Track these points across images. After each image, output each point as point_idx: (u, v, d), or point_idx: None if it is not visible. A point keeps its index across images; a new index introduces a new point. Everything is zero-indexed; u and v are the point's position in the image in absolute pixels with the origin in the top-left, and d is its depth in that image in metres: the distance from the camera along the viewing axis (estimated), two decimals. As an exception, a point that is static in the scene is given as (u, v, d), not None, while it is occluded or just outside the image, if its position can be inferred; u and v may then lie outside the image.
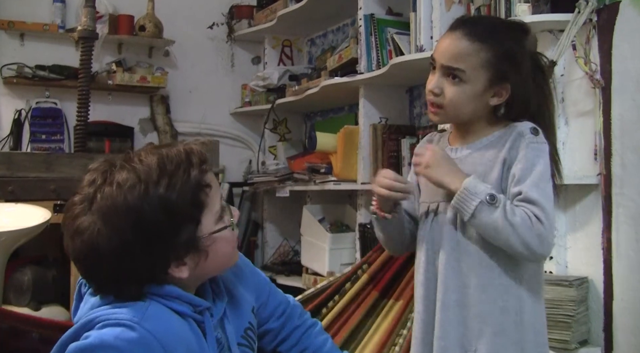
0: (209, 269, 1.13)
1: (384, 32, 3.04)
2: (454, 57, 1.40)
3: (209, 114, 4.18)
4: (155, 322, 1.02)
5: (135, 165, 1.05)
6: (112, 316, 1.01)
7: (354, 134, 3.17)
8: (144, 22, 3.83)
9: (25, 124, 3.65)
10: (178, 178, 1.05)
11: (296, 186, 3.58)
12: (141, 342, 0.99)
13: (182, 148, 1.11)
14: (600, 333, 2.09)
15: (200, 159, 1.09)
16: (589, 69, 2.09)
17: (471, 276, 1.40)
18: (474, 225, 1.36)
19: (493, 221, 1.32)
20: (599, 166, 2.11)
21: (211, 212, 1.10)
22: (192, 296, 1.11)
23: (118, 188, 1.02)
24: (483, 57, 1.39)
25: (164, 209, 1.03)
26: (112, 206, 1.02)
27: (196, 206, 1.08)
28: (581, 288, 2.09)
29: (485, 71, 1.39)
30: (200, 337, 1.11)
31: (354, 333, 1.79)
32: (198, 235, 1.08)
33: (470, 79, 1.39)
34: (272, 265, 3.93)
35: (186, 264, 1.08)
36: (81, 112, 2.07)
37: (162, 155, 1.07)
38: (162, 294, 1.07)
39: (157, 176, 1.04)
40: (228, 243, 1.14)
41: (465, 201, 1.34)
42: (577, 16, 2.05)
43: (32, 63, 3.66)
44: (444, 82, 1.41)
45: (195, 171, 1.07)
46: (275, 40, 4.17)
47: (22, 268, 3.18)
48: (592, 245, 2.13)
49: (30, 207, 2.29)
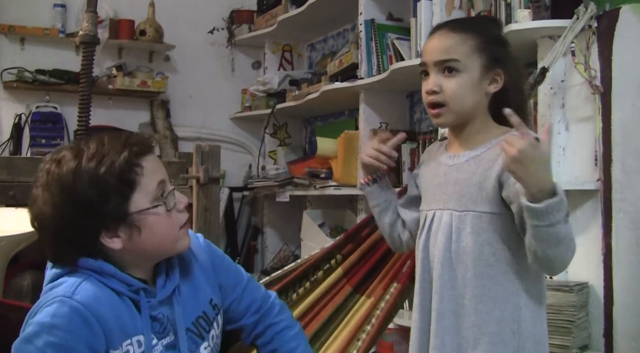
0: (146, 245, 1.23)
1: (384, 37, 3.04)
2: (445, 50, 1.43)
3: (209, 118, 4.19)
4: (85, 294, 1.15)
5: (79, 146, 1.22)
6: (48, 297, 1.15)
7: (354, 139, 3.18)
8: (144, 27, 3.84)
9: (25, 128, 3.66)
10: (109, 157, 1.18)
11: (296, 191, 3.59)
12: (74, 313, 1.12)
13: (126, 133, 1.27)
14: (601, 339, 2.09)
15: (138, 142, 1.23)
16: (588, 75, 2.10)
17: (466, 286, 1.40)
18: (546, 232, 1.23)
19: (566, 234, 1.24)
20: (598, 171, 2.11)
21: (144, 191, 1.21)
22: (126, 276, 1.22)
23: (57, 165, 1.19)
24: (472, 43, 1.43)
25: (91, 182, 1.17)
26: (51, 179, 1.19)
27: (125, 182, 1.19)
28: (581, 293, 2.09)
29: (478, 55, 1.42)
30: (134, 313, 1.21)
31: (325, 326, 1.78)
32: (128, 210, 1.19)
33: (465, 67, 1.41)
34: (272, 269, 3.92)
35: (119, 237, 1.20)
36: (82, 117, 2.07)
37: (103, 139, 1.23)
38: (98, 271, 1.19)
39: (91, 155, 1.18)
40: (163, 223, 1.23)
41: (555, 211, 1.21)
42: (575, 22, 2.06)
43: (33, 67, 3.67)
44: (441, 78, 1.43)
45: (126, 152, 1.19)
46: (275, 45, 4.18)
47: (22, 273, 3.18)
48: (592, 250, 2.13)
49: (30, 212, 2.29)
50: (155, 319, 1.24)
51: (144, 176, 1.21)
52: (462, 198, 1.42)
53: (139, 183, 1.21)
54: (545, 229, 1.22)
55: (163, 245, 1.26)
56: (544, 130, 1.42)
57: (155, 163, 1.26)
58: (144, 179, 1.21)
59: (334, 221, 3.52)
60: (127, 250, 1.22)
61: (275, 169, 3.89)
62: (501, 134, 1.42)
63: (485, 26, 1.50)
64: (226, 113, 4.27)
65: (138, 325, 1.21)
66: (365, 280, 1.83)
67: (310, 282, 1.84)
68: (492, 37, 1.46)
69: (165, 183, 1.25)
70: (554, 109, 2.19)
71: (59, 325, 1.11)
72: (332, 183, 3.27)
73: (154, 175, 1.23)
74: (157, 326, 1.24)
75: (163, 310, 1.26)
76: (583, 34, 2.10)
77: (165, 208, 1.23)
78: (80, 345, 1.12)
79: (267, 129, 4.07)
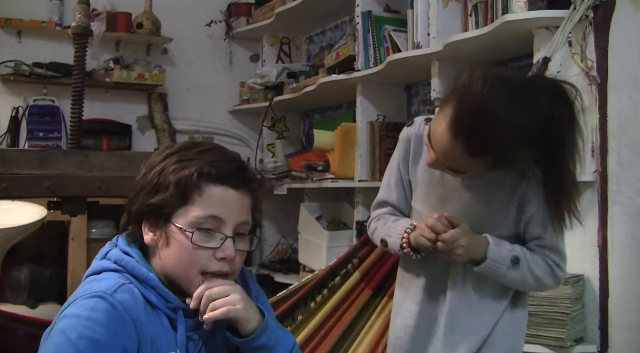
0: (166, 261, 1.18)
1: (381, 29, 3.03)
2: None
3: (207, 112, 4.18)
4: (126, 296, 1.12)
5: (182, 144, 1.24)
6: (87, 291, 1.11)
7: (352, 132, 3.17)
8: (141, 20, 3.83)
9: (22, 121, 3.65)
10: (185, 163, 1.17)
11: (294, 184, 3.58)
12: (113, 310, 1.08)
13: (232, 157, 1.22)
14: (596, 331, 2.09)
15: (225, 170, 1.17)
16: (584, 66, 2.08)
17: (458, 289, 1.46)
18: (504, 280, 1.45)
19: (517, 279, 1.44)
20: (595, 163, 2.10)
21: (191, 213, 1.16)
22: (167, 292, 1.16)
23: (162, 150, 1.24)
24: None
25: (157, 173, 1.17)
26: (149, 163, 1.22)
27: (179, 191, 1.15)
28: (577, 285, 2.08)
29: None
30: (169, 330, 1.15)
31: (347, 332, 1.77)
32: (170, 217, 1.16)
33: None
34: (270, 263, 3.92)
35: (154, 234, 1.18)
36: (75, 109, 2.06)
37: (208, 149, 1.20)
38: (141, 279, 1.16)
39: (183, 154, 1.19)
40: (183, 252, 1.16)
41: (492, 270, 1.42)
42: (573, 12, 2.04)
43: (30, 61, 3.66)
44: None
45: (200, 169, 1.15)
46: (273, 38, 4.17)
47: (19, 266, 3.19)
48: (588, 242, 2.12)
49: (26, 204, 2.28)
50: (190, 339, 1.18)
51: (199, 200, 1.15)
52: (478, 221, 1.44)
53: (191, 202, 1.15)
54: (501, 281, 1.44)
55: (176, 272, 1.18)
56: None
57: (221, 198, 1.16)
58: (198, 203, 1.15)
59: (332, 214, 3.51)
60: (158, 256, 1.19)
61: (273, 163, 3.88)
62: None
63: (509, 138, 1.27)
64: (224, 106, 4.26)
65: (172, 342, 1.15)
66: (384, 282, 1.81)
67: (327, 289, 1.83)
68: (506, 158, 1.31)
69: (220, 222, 1.16)
70: (550, 101, 2.17)
71: (96, 318, 1.07)
72: (329, 176, 3.26)
73: (211, 207, 1.16)
74: (192, 347, 1.19)
75: (200, 332, 1.20)
76: (579, 25, 2.09)
77: (191, 241, 1.15)
78: (114, 342, 1.07)
79: (265, 122, 4.06)
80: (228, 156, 1.21)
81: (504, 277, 1.42)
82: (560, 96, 1.32)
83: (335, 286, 1.81)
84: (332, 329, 1.77)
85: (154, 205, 1.16)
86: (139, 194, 1.19)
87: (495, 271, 1.41)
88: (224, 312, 1.14)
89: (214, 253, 1.16)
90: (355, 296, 1.80)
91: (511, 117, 1.25)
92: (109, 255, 1.19)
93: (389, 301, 1.76)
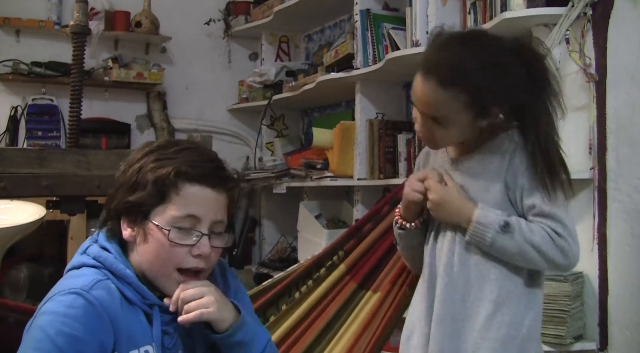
0: (143, 257, 1.21)
1: (380, 27, 3.03)
2: (433, 107, 1.35)
3: (206, 110, 4.18)
4: (102, 292, 1.14)
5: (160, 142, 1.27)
6: (64, 287, 1.14)
7: (351, 130, 3.17)
8: (140, 19, 3.82)
9: (21, 121, 3.65)
10: (163, 162, 1.19)
11: (293, 182, 3.58)
12: (89, 306, 1.11)
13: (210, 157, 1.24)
14: (596, 328, 2.09)
15: (191, 168, 1.19)
16: (583, 63, 2.08)
17: (469, 289, 1.38)
18: (495, 253, 1.36)
19: (513, 247, 1.33)
20: (592, 160, 2.10)
21: (168, 210, 1.19)
22: (143, 288, 1.19)
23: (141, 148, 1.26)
24: (461, 100, 1.32)
25: (135, 171, 1.20)
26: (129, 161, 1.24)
27: (157, 190, 1.18)
28: (576, 283, 2.08)
29: (467, 112, 1.34)
30: (145, 324, 1.19)
31: (331, 323, 1.76)
32: (148, 214, 1.19)
33: (455, 122, 1.36)
34: (269, 261, 3.92)
35: (133, 230, 1.21)
36: (73, 108, 2.06)
37: (187, 148, 1.23)
38: (119, 275, 1.18)
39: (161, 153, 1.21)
40: (160, 249, 1.19)
41: (479, 235, 1.35)
42: (571, 10, 2.04)
43: (28, 60, 3.66)
44: (430, 125, 1.38)
45: (177, 168, 1.18)
46: (272, 36, 4.16)
47: (19, 266, 3.20)
48: (587, 239, 2.12)
49: (26, 204, 2.28)
50: (166, 333, 1.22)
51: (176, 198, 1.18)
52: None
53: (169, 200, 1.18)
54: (492, 250, 1.35)
55: (153, 268, 1.21)
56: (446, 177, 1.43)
57: (198, 197, 1.20)
58: (175, 201, 1.18)
59: (331, 212, 3.51)
60: (136, 251, 1.22)
61: (272, 161, 3.88)
62: (503, 132, 1.40)
63: (479, 68, 1.31)
64: (223, 105, 4.26)
65: (148, 336, 1.19)
66: (370, 275, 1.79)
67: (312, 280, 1.81)
68: (482, 88, 1.31)
69: (196, 220, 1.20)
70: (548, 98, 2.17)
71: (73, 315, 1.10)
72: (328, 174, 3.26)
73: (188, 206, 1.19)
74: (168, 341, 1.22)
75: (175, 325, 1.23)
76: (578, 22, 2.09)
77: (167, 238, 1.18)
78: (91, 338, 1.10)
79: (264, 121, 4.06)
80: (205, 156, 1.24)
81: (493, 244, 1.33)
82: (528, 44, 1.38)
83: (320, 278, 1.80)
84: (316, 320, 1.76)
85: (132, 202, 1.19)
86: (118, 191, 1.22)
87: (484, 237, 1.33)
88: (197, 315, 1.18)
89: (190, 249, 1.20)
90: (340, 288, 1.78)
91: (476, 46, 1.34)
92: (89, 250, 1.23)
93: (372, 296, 1.76)
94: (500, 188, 1.38)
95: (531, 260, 1.34)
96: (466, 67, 1.31)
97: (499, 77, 1.31)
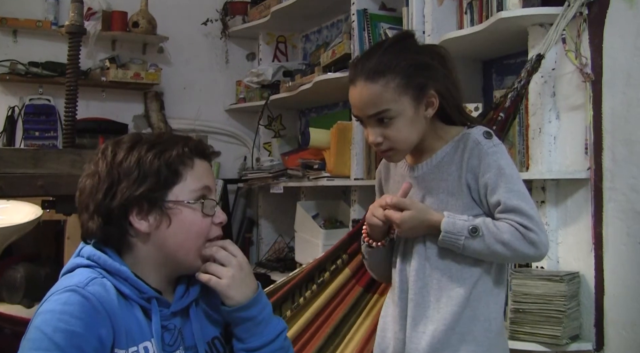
0: (169, 241, 1.20)
1: (377, 27, 3.03)
2: (372, 104, 1.40)
3: (204, 110, 4.17)
4: (98, 288, 1.13)
5: (140, 134, 1.26)
6: (59, 286, 1.13)
7: (347, 130, 3.17)
8: (137, 19, 3.82)
9: (18, 121, 3.64)
10: (163, 146, 1.21)
11: (290, 182, 3.58)
12: (86, 301, 1.10)
13: (186, 135, 1.29)
14: (592, 329, 2.08)
15: (196, 144, 1.25)
16: (579, 63, 2.08)
17: (442, 291, 1.43)
18: (469, 255, 1.41)
19: (484, 249, 1.38)
20: (589, 160, 2.10)
21: (187, 187, 1.21)
22: (140, 282, 1.19)
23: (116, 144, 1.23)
24: (393, 86, 1.39)
25: (138, 162, 1.19)
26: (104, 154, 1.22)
27: (170, 171, 1.20)
28: (572, 283, 2.08)
29: (404, 94, 1.40)
30: (143, 320, 1.18)
31: (337, 329, 1.75)
32: (165, 197, 1.20)
33: (398, 112, 1.40)
34: (267, 261, 3.92)
35: (148, 221, 1.19)
36: (69, 107, 2.05)
37: (164, 133, 1.28)
38: (113, 272, 1.17)
39: (147, 140, 1.22)
40: (195, 221, 1.21)
41: (450, 243, 1.40)
42: (567, 9, 2.04)
43: (25, 60, 3.65)
44: (379, 129, 1.42)
45: (181, 147, 1.22)
46: (269, 36, 4.16)
47: (15, 266, 3.19)
48: (583, 239, 2.12)
49: (22, 204, 2.28)
50: (165, 329, 1.21)
51: (191, 173, 1.22)
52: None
53: (184, 178, 1.21)
54: (466, 254, 1.40)
55: (184, 246, 1.21)
56: (402, 188, 1.46)
57: (206, 169, 1.26)
58: (190, 176, 1.22)
59: (328, 212, 3.51)
60: (150, 243, 1.20)
61: (269, 161, 3.88)
62: (455, 134, 1.46)
63: (398, 54, 1.42)
64: (220, 105, 4.26)
65: (146, 332, 1.17)
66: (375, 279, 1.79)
67: (317, 284, 1.81)
68: (408, 67, 1.40)
69: (210, 191, 1.25)
70: (544, 98, 2.17)
71: (69, 311, 1.08)
72: (325, 174, 3.26)
73: (202, 178, 1.24)
74: (168, 337, 1.21)
75: (175, 321, 1.23)
76: (574, 21, 2.09)
77: (202, 210, 1.21)
78: (89, 332, 1.08)
79: (262, 121, 4.06)
80: (185, 136, 1.28)
81: (465, 250, 1.39)
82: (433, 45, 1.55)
83: (325, 283, 1.79)
84: (323, 326, 1.75)
85: (145, 192, 1.18)
86: (115, 189, 1.18)
87: (455, 244, 1.39)
88: (206, 279, 1.22)
89: (212, 219, 1.24)
90: (345, 293, 1.78)
91: (392, 42, 1.46)
92: (82, 251, 1.22)
93: (379, 299, 1.75)
94: (464, 190, 1.42)
95: (504, 257, 1.39)
96: (387, 59, 1.41)
97: (418, 59, 1.42)
